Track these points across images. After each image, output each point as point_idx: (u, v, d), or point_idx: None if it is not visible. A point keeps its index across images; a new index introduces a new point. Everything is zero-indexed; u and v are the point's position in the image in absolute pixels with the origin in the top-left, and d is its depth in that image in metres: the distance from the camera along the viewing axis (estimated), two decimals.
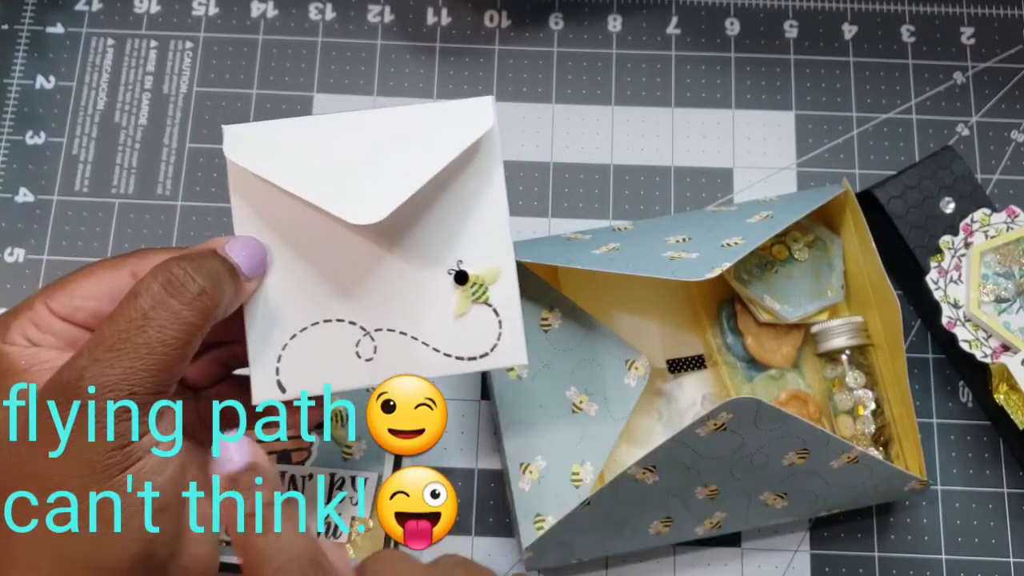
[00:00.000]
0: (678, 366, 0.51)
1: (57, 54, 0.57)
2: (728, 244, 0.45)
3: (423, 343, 0.40)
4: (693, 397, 0.51)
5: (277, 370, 0.39)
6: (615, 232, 0.49)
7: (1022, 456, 0.51)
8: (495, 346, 0.40)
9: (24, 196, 0.55)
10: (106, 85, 0.57)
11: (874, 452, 0.48)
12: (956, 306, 0.49)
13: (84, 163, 0.55)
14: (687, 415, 0.50)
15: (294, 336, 0.39)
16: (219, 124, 0.56)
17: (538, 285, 0.49)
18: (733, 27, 0.59)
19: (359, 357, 0.39)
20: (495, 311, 0.40)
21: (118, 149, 0.56)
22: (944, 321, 0.48)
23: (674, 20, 0.59)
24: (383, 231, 0.39)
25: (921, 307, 0.53)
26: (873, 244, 0.48)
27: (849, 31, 0.58)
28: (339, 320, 0.39)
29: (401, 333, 0.40)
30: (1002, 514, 0.51)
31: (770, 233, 0.46)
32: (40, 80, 0.57)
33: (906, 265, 0.52)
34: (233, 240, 0.38)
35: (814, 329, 0.50)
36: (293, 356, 0.39)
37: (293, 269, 0.39)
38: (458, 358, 0.40)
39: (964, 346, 0.48)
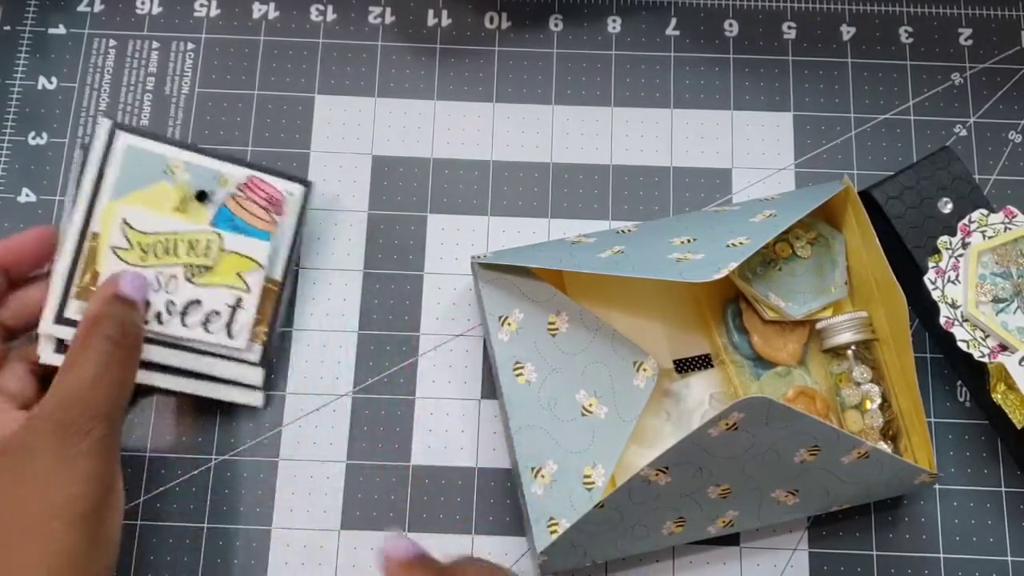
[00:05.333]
0: (685, 366, 0.51)
1: (59, 55, 0.57)
2: (733, 244, 0.45)
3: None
4: (701, 396, 0.51)
5: None
6: (619, 235, 0.49)
7: (1020, 455, 0.51)
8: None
9: (27, 196, 0.55)
10: (108, 86, 0.57)
11: (883, 446, 0.48)
12: (954, 306, 0.49)
13: None
14: (695, 415, 0.50)
15: None
16: (220, 124, 0.57)
17: (544, 290, 0.49)
18: (732, 29, 0.59)
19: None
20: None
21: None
22: (942, 321, 0.49)
23: (673, 21, 0.59)
24: None
25: (919, 307, 0.53)
26: (876, 239, 0.48)
27: (847, 32, 0.59)
28: None
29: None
30: (1000, 513, 0.51)
31: (775, 232, 0.46)
32: (42, 81, 0.57)
33: (904, 265, 0.52)
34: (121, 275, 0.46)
35: (819, 325, 0.50)
36: None
37: None
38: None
39: (962, 345, 0.48)
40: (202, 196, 0.49)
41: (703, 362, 0.52)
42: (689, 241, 0.46)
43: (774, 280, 0.50)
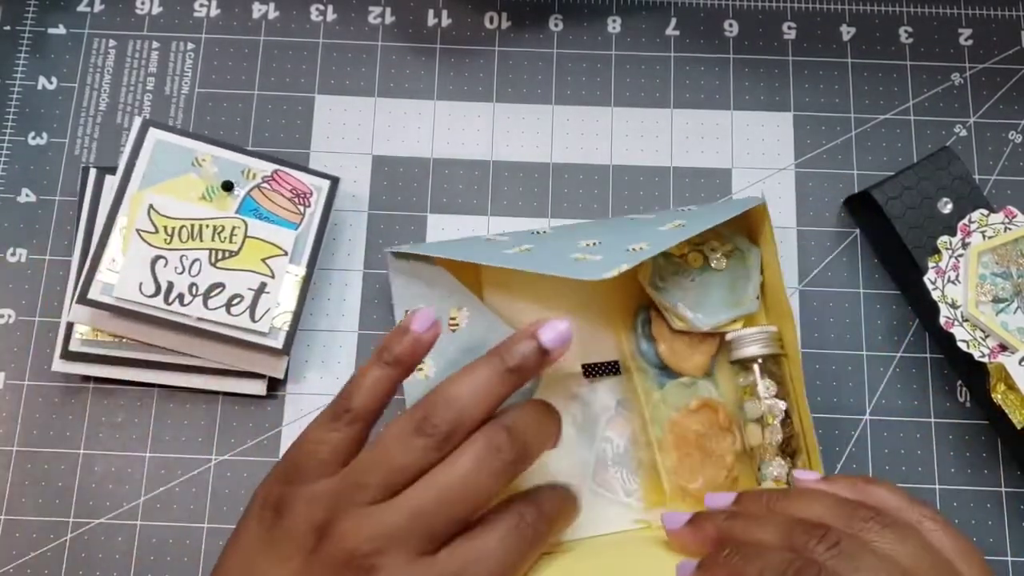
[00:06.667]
0: (593, 371, 0.51)
1: (59, 55, 0.57)
2: (632, 249, 0.45)
3: None
4: (607, 402, 0.50)
5: None
6: (533, 235, 0.50)
7: (1020, 455, 0.51)
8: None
9: (26, 196, 0.55)
10: (108, 86, 0.57)
11: (779, 462, 0.48)
12: (954, 306, 0.49)
13: (86, 164, 0.56)
14: (601, 419, 0.50)
15: None
16: (220, 124, 0.57)
17: (449, 283, 0.49)
18: (732, 29, 0.59)
19: None
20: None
21: (120, 150, 0.56)
22: (942, 321, 0.49)
23: (673, 22, 0.59)
24: None
25: (919, 307, 0.53)
26: (778, 259, 0.48)
27: (847, 32, 0.59)
28: None
29: None
30: (1000, 513, 0.51)
31: (675, 241, 0.46)
32: (42, 81, 0.57)
33: (904, 265, 0.52)
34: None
35: (728, 336, 0.50)
36: None
37: None
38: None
39: (962, 346, 0.48)
40: (228, 186, 0.51)
41: (611, 368, 0.51)
42: (594, 244, 0.46)
43: (686, 290, 0.50)
